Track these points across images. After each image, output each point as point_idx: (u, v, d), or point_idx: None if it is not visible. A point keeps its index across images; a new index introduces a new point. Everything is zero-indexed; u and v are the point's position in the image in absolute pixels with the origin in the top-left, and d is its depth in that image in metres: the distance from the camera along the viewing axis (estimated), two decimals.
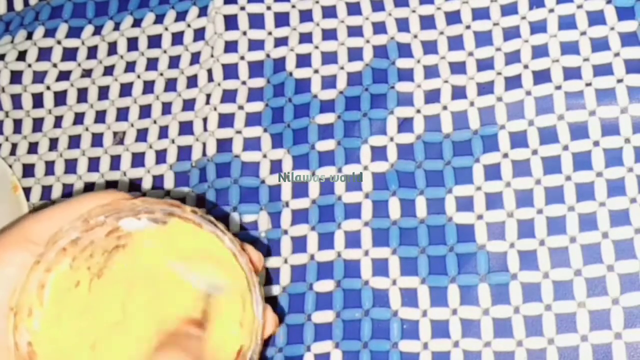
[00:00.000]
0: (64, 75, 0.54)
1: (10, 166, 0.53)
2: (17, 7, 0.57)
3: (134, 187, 0.51)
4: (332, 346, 0.45)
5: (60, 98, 0.54)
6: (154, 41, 0.53)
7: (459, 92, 0.47)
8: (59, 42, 0.55)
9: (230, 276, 0.37)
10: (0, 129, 0.54)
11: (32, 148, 0.53)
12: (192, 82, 0.52)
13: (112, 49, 0.54)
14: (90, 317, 0.37)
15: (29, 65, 0.55)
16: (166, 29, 0.53)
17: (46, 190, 0.52)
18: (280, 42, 0.51)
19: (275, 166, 0.49)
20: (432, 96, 0.48)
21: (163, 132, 0.51)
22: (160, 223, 0.38)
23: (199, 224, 0.38)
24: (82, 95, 0.54)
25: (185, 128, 0.51)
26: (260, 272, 0.39)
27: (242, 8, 0.52)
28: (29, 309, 0.36)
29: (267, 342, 0.44)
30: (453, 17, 0.49)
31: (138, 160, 0.51)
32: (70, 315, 0.37)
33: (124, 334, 0.37)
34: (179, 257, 0.38)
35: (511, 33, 0.47)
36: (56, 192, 0.52)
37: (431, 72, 0.48)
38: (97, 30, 0.55)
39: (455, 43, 0.48)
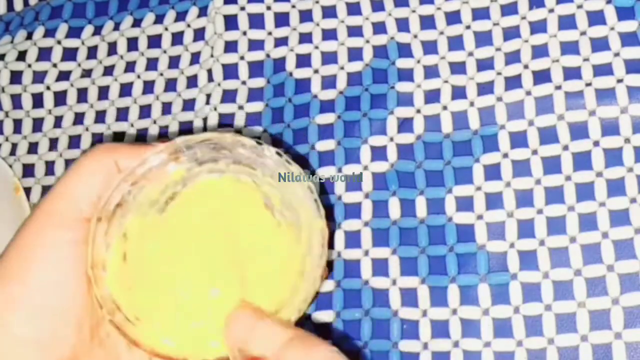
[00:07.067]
0: (64, 75, 0.54)
1: (11, 166, 0.53)
2: (17, 7, 0.57)
3: None
4: None
5: (60, 98, 0.54)
6: (154, 41, 0.53)
7: (459, 92, 0.47)
8: (59, 42, 0.55)
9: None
10: (0, 129, 0.54)
11: (32, 148, 0.53)
12: (192, 82, 0.52)
13: (112, 49, 0.54)
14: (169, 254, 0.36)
15: (29, 65, 0.55)
16: (166, 29, 0.53)
17: (46, 190, 0.52)
18: (280, 42, 0.51)
19: None
20: (432, 96, 0.48)
21: (163, 133, 0.51)
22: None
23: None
24: (82, 95, 0.54)
25: (186, 128, 0.51)
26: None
27: (242, 8, 0.52)
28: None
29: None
30: (453, 17, 0.49)
31: None
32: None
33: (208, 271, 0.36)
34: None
35: (511, 33, 0.47)
36: None
37: (431, 72, 0.48)
38: (97, 30, 0.54)
39: (455, 43, 0.48)
